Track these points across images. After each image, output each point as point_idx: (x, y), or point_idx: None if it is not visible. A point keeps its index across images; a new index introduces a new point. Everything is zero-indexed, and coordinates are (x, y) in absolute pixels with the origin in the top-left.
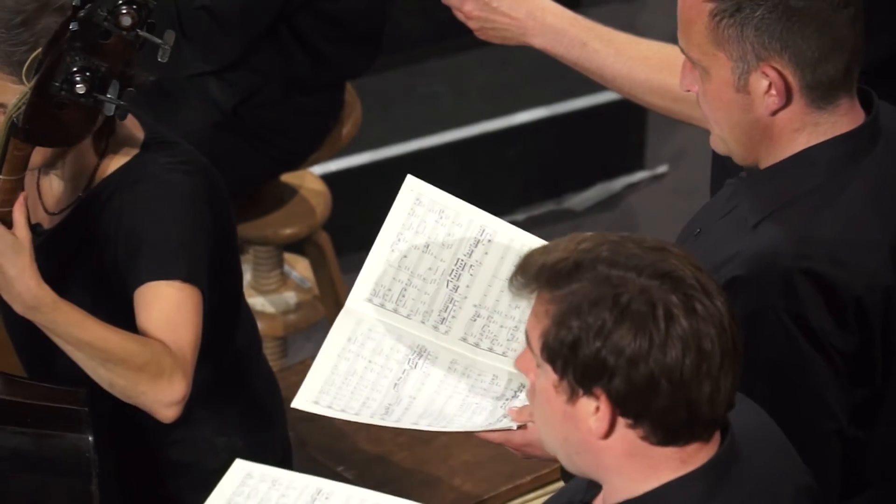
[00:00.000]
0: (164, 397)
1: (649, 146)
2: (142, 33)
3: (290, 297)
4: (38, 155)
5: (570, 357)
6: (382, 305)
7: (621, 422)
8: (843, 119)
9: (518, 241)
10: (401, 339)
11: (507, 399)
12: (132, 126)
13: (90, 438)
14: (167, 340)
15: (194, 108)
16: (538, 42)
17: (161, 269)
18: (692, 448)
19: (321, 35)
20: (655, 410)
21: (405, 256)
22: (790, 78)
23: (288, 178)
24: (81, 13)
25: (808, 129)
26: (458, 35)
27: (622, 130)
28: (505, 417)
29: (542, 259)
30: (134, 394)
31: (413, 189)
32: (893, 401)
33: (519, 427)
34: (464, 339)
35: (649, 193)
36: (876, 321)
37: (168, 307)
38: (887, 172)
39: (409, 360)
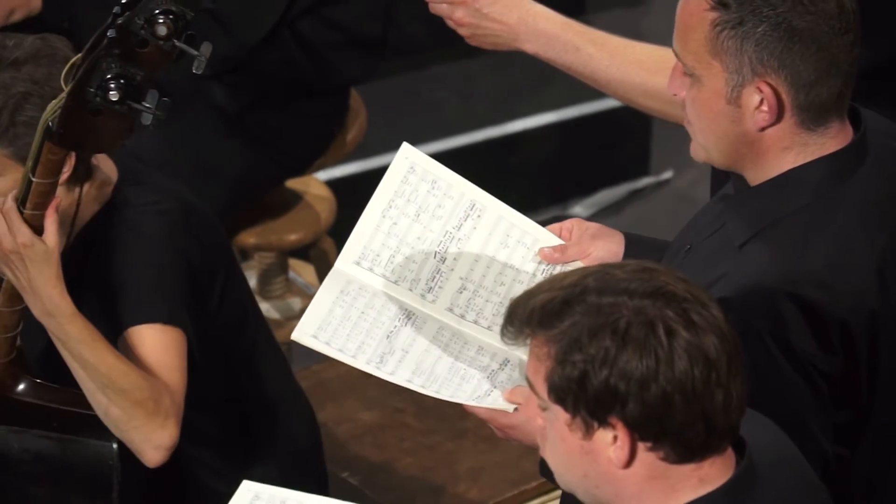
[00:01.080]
0: (155, 438)
1: (654, 152)
2: (178, 44)
3: (295, 302)
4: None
5: (580, 392)
6: (371, 269)
7: (641, 446)
8: (831, 140)
9: (506, 219)
10: (390, 301)
11: (492, 371)
12: (106, 168)
13: (115, 446)
14: (166, 381)
15: (198, 113)
16: (530, 47)
17: (141, 313)
18: (708, 464)
19: (325, 40)
20: (673, 427)
21: (395, 223)
22: (784, 96)
23: (293, 183)
24: (120, 20)
25: (796, 149)
26: (462, 41)
27: (627, 136)
28: (493, 392)
29: (529, 303)
30: (126, 427)
31: (408, 157)
32: (878, 421)
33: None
34: (450, 310)
35: (654, 199)
36: (861, 343)
37: (155, 350)
38: (874, 191)
39: (399, 318)
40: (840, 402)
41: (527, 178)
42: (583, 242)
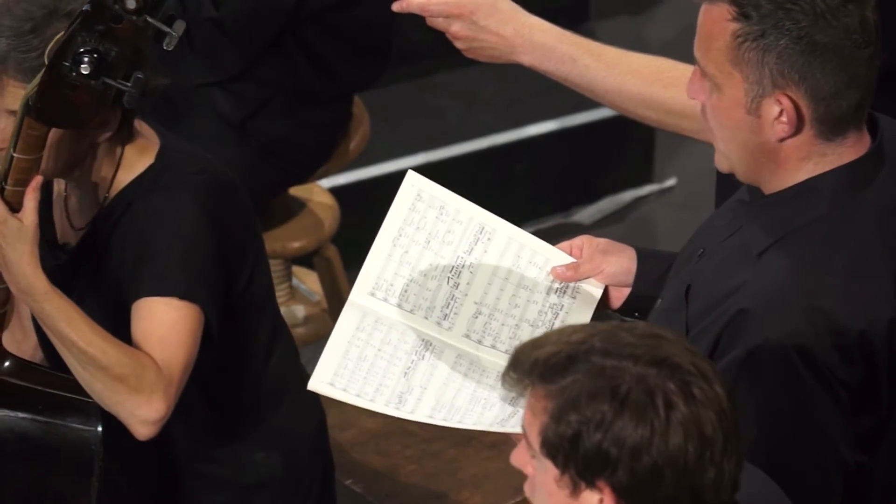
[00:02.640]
0: (140, 413)
1: (657, 159)
2: (150, 20)
3: (299, 310)
4: (50, 161)
5: (572, 452)
6: (386, 300)
7: None
8: (849, 150)
9: (517, 240)
10: (406, 332)
11: (513, 397)
12: (148, 135)
13: (99, 430)
14: (157, 357)
15: (202, 121)
16: (527, 59)
17: (159, 284)
18: None
19: (329, 47)
20: (659, 500)
21: (406, 252)
22: (803, 109)
23: (296, 191)
24: None
25: (814, 159)
26: None
27: (630, 144)
28: (517, 413)
29: (533, 354)
30: (110, 402)
31: (414, 184)
32: None
33: None
34: (467, 336)
35: (657, 207)
36: (881, 352)
37: (162, 324)
38: (892, 200)
39: (417, 351)
40: (860, 411)
41: (530, 185)
42: (595, 259)
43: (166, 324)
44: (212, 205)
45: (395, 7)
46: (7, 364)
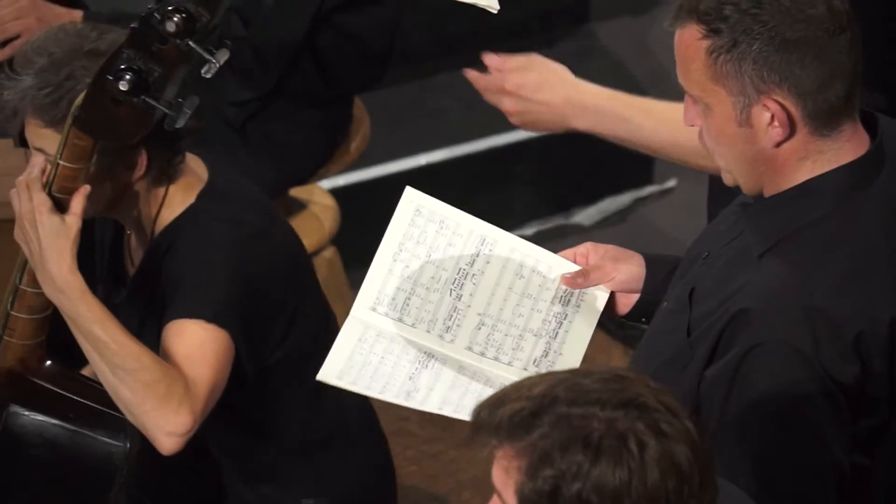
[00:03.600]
0: (166, 424)
1: (658, 160)
2: (192, 44)
3: None
4: (91, 201)
5: None
6: (387, 314)
7: None
8: (847, 145)
9: (518, 251)
10: (409, 344)
11: None
12: (198, 171)
13: (126, 446)
14: (185, 374)
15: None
16: (581, 124)
17: (188, 308)
18: None
19: (331, 49)
20: None
21: (407, 266)
22: (792, 109)
23: (296, 192)
24: (143, 13)
25: (812, 157)
26: (466, 50)
27: None
28: None
29: (496, 414)
30: (138, 411)
31: (412, 200)
32: None
33: None
34: (469, 349)
35: (658, 208)
36: (882, 353)
37: (189, 343)
38: (893, 199)
39: (420, 361)
40: (859, 412)
41: (530, 186)
42: (605, 266)
43: (193, 343)
44: (241, 246)
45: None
46: (46, 368)
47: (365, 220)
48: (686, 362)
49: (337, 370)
